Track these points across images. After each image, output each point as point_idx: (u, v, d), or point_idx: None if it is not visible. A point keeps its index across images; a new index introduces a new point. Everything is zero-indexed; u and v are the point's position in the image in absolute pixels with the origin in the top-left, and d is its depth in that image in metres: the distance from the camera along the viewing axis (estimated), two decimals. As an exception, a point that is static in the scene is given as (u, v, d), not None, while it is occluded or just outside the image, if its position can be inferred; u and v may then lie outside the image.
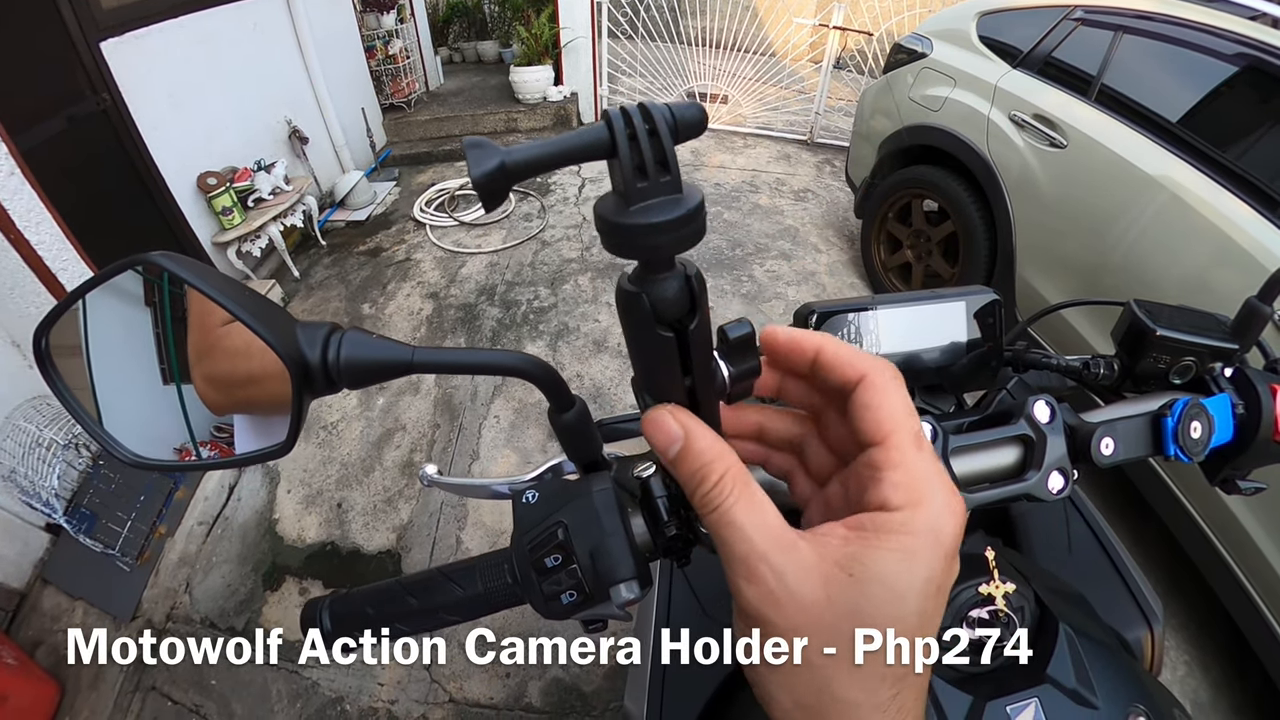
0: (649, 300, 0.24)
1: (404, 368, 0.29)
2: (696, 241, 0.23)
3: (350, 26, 4.57)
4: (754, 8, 5.51)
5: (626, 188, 0.21)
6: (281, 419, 0.32)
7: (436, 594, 0.40)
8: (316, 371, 0.28)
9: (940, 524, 0.24)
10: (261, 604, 1.97)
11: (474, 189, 0.21)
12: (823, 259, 3.61)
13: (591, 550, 0.35)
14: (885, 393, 0.26)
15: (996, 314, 0.61)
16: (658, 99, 0.31)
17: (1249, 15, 1.87)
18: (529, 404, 2.60)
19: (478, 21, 7.38)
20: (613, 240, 0.22)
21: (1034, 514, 0.74)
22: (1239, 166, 1.73)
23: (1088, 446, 0.48)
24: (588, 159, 0.22)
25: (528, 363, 0.32)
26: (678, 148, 0.22)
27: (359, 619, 0.40)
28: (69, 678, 1.82)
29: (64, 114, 2.49)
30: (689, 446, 0.26)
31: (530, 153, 0.22)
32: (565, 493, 0.37)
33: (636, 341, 0.26)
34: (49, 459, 1.91)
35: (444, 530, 2.15)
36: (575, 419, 0.35)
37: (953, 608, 0.50)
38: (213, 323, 0.55)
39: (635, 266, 0.24)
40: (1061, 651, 0.49)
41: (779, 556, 0.24)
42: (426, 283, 3.47)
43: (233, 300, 0.29)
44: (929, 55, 2.85)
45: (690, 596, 0.75)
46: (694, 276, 0.24)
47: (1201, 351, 0.55)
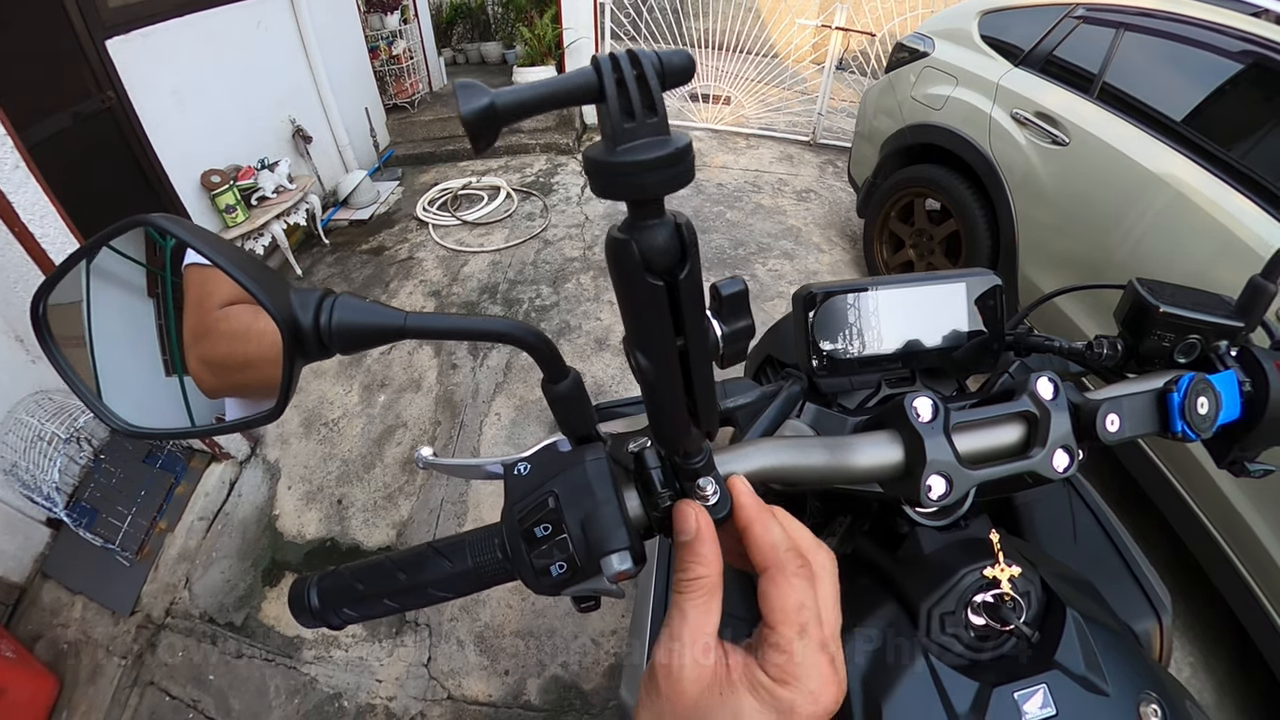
0: (638, 248, 0.24)
1: (396, 332, 0.29)
2: (685, 183, 0.22)
3: (354, 27, 4.58)
4: (757, 9, 5.51)
5: (614, 128, 0.21)
6: (268, 408, 0.32)
7: (426, 569, 0.39)
8: (309, 334, 0.28)
9: (796, 703, 0.30)
10: (261, 600, 1.97)
11: (463, 127, 0.21)
12: (825, 258, 3.61)
13: (583, 520, 0.35)
14: (777, 589, 0.32)
15: (998, 298, 0.60)
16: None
17: (1251, 11, 1.85)
18: (530, 401, 2.60)
19: (481, 23, 7.41)
20: (600, 180, 0.22)
21: (1038, 503, 0.73)
22: (1242, 163, 1.71)
23: (1093, 423, 0.47)
24: (576, 102, 0.22)
25: (521, 330, 0.31)
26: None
27: (347, 595, 0.39)
28: (67, 671, 1.82)
29: (70, 110, 2.50)
30: (695, 545, 0.33)
31: (520, 94, 0.22)
32: (557, 463, 0.37)
33: (626, 293, 0.26)
34: (50, 453, 1.90)
35: (444, 526, 2.14)
36: (569, 389, 0.34)
37: (956, 591, 0.49)
38: (211, 305, 0.55)
39: (625, 217, 0.24)
40: (1070, 637, 0.48)
41: (690, 653, 0.31)
42: (429, 281, 3.47)
43: (230, 261, 0.28)
44: (931, 54, 2.85)
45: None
46: (684, 225, 0.24)
47: (1206, 329, 0.54)
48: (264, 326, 0.52)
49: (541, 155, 4.99)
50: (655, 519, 0.37)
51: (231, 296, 0.54)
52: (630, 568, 0.34)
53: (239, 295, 0.55)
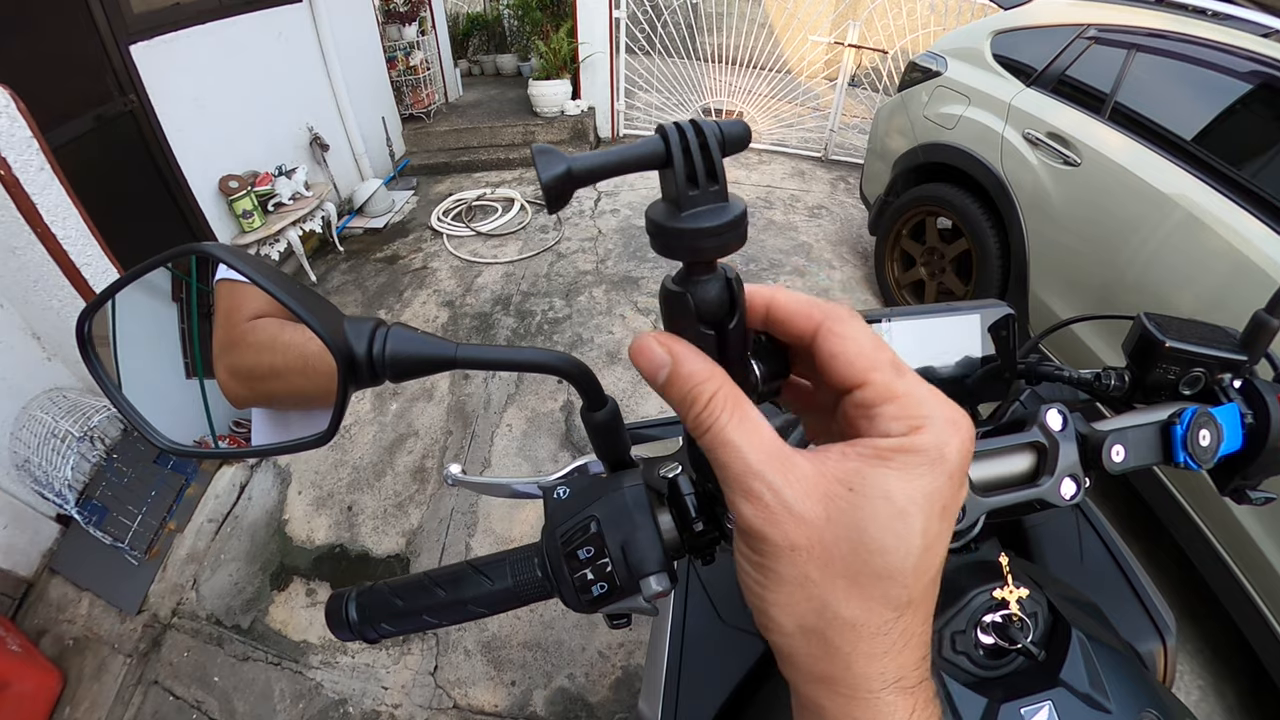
0: (693, 300, 0.25)
1: (447, 363, 0.31)
2: (739, 246, 0.24)
3: (372, 37, 4.66)
4: (770, 25, 5.56)
5: (679, 195, 0.23)
6: (300, 414, 0.33)
7: (466, 587, 0.41)
8: (362, 364, 0.30)
9: (944, 441, 0.23)
10: (268, 603, 1.99)
11: (542, 191, 0.23)
12: (836, 275, 3.62)
13: (622, 543, 0.37)
14: (847, 335, 0.25)
15: (1010, 327, 0.62)
16: (674, 114, 0.33)
17: (1261, 32, 1.86)
18: (541, 413, 2.62)
19: (497, 35, 7.53)
20: (663, 242, 0.24)
21: (1046, 526, 0.74)
22: (1254, 184, 1.72)
23: (1099, 453, 0.50)
24: (644, 169, 0.24)
25: (566, 362, 0.33)
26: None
27: (385, 609, 0.42)
28: (72, 667, 1.84)
29: (93, 113, 2.56)
30: (677, 370, 0.25)
31: (593, 161, 0.23)
32: (597, 488, 0.39)
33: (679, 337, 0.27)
34: (63, 450, 1.93)
35: (453, 536, 2.16)
36: (607, 417, 0.36)
37: (967, 611, 0.51)
38: (240, 317, 0.57)
39: (679, 269, 0.26)
40: (1074, 655, 0.49)
41: (776, 472, 0.23)
42: (442, 291, 3.51)
43: (285, 292, 0.30)
44: (943, 73, 2.87)
45: (705, 602, 0.75)
46: (734, 279, 0.26)
47: (1210, 363, 0.55)
48: (290, 338, 0.54)
49: (556, 168, 5.02)
50: (688, 542, 0.39)
51: (260, 309, 0.55)
52: (667, 588, 0.36)
53: (267, 308, 0.57)
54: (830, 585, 0.23)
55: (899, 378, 0.24)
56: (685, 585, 0.77)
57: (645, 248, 3.82)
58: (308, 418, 0.38)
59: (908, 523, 0.22)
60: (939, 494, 0.23)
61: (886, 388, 0.24)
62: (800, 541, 0.23)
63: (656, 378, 0.26)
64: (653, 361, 0.26)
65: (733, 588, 0.75)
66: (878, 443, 0.23)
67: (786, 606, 0.24)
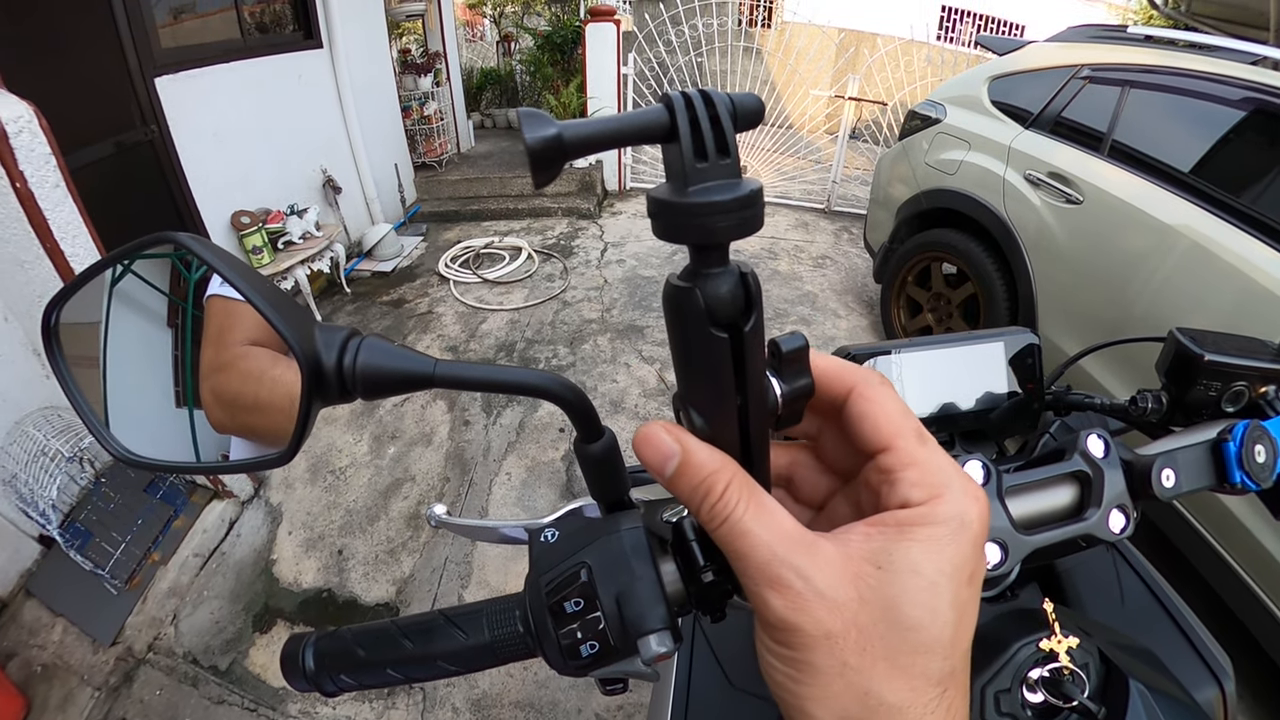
0: (703, 296, 0.22)
1: (424, 380, 0.27)
2: (755, 229, 0.21)
3: (389, 86, 4.82)
4: (772, 81, 5.75)
5: (685, 169, 0.20)
6: (278, 450, 0.29)
7: (437, 639, 0.35)
8: (330, 375, 0.26)
9: (964, 509, 0.23)
10: (249, 645, 1.89)
11: (528, 157, 0.20)
12: (842, 324, 3.60)
13: (618, 595, 0.31)
14: (877, 400, 0.26)
15: (1036, 356, 0.59)
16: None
17: (1250, 60, 1.90)
18: (542, 463, 2.56)
19: (509, 89, 7.81)
20: (666, 222, 0.21)
21: (1081, 567, 0.68)
22: (1255, 209, 1.73)
23: (1147, 479, 0.46)
24: (646, 140, 0.21)
25: (556, 384, 0.29)
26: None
27: (346, 659, 0.36)
28: (37, 695, 1.74)
29: (113, 139, 2.63)
30: (687, 460, 0.24)
31: (588, 128, 0.21)
32: (589, 531, 0.33)
33: (686, 346, 0.23)
34: (52, 469, 1.88)
35: (446, 586, 2.07)
36: (603, 450, 0.31)
37: (1011, 667, 0.45)
38: (232, 340, 0.54)
39: (685, 265, 0.22)
40: (1135, 709, 0.43)
41: (802, 558, 0.23)
42: (447, 336, 3.50)
43: (253, 289, 0.26)
44: (943, 120, 2.92)
45: (712, 663, 0.68)
46: (749, 274, 0.22)
47: (1253, 375, 0.52)
48: (280, 374, 0.51)
49: (564, 219, 5.12)
50: (695, 594, 0.33)
51: (254, 336, 0.53)
52: (670, 649, 0.31)
53: (261, 335, 0.54)
54: (871, 670, 0.22)
55: (921, 445, 0.25)
56: (690, 644, 0.70)
57: (651, 296, 3.83)
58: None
59: (939, 594, 0.22)
60: (966, 563, 0.23)
61: (909, 454, 0.24)
62: (835, 628, 0.22)
63: (665, 469, 0.25)
64: (660, 451, 0.25)
65: (744, 647, 0.68)
66: (899, 515, 0.23)
67: (825, 700, 0.23)
